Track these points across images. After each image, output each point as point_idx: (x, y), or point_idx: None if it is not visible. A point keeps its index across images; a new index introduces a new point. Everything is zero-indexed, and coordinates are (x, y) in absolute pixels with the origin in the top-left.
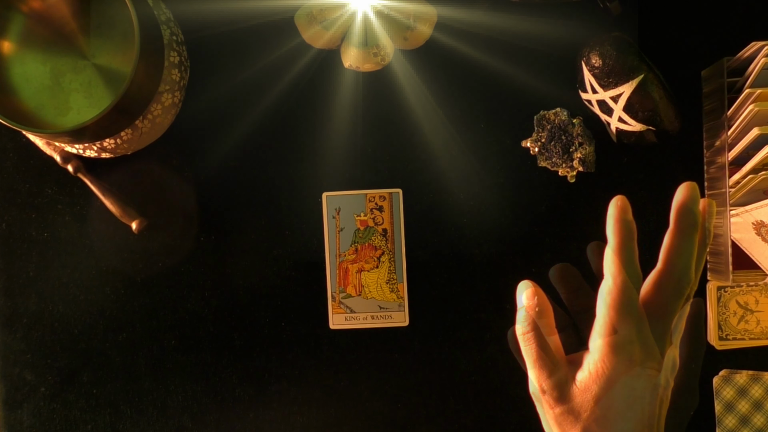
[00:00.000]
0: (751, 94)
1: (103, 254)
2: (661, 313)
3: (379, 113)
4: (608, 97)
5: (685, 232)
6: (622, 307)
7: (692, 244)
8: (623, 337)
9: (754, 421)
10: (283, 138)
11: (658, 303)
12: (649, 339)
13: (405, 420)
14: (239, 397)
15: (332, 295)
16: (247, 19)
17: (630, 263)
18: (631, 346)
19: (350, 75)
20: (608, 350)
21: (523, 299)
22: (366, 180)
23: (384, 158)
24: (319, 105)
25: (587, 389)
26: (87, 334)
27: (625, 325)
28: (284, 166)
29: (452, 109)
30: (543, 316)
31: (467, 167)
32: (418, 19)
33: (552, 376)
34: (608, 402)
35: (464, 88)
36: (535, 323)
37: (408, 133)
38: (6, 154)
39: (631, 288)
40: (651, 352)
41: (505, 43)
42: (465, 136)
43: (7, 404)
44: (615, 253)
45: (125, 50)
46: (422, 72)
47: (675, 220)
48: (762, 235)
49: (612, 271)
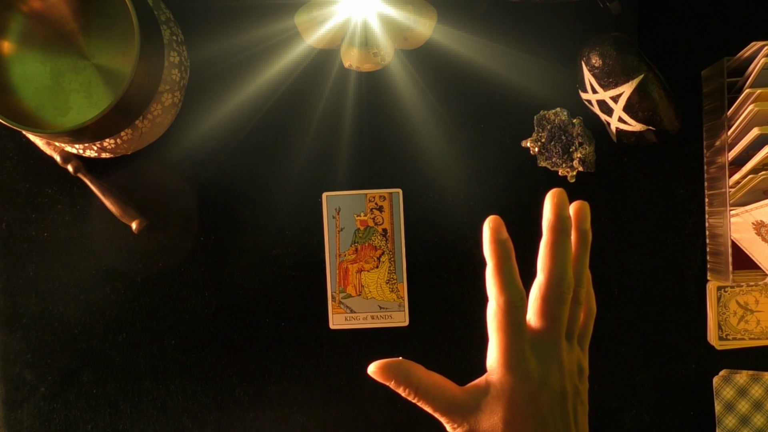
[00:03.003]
0: (751, 94)
1: (103, 254)
2: (550, 322)
3: (379, 113)
4: (608, 97)
5: (556, 239)
6: (508, 327)
7: (565, 250)
8: (516, 356)
9: (754, 421)
10: (283, 138)
11: (544, 313)
12: (543, 351)
13: (405, 420)
14: (239, 397)
15: (332, 295)
16: (248, 19)
17: (510, 282)
18: (525, 363)
19: (350, 75)
20: (504, 371)
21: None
22: (366, 180)
23: (384, 158)
24: (319, 105)
25: (493, 412)
26: (87, 334)
27: (515, 344)
28: (284, 166)
29: (452, 109)
30: None
31: (467, 167)
32: (418, 19)
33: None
34: (516, 421)
35: (464, 88)
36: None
37: (408, 133)
38: (6, 154)
39: (515, 307)
40: (548, 364)
41: (505, 43)
42: (465, 136)
43: (7, 404)
44: (494, 274)
45: (125, 50)
46: (422, 72)
47: (545, 228)
48: (762, 235)
49: (494, 293)
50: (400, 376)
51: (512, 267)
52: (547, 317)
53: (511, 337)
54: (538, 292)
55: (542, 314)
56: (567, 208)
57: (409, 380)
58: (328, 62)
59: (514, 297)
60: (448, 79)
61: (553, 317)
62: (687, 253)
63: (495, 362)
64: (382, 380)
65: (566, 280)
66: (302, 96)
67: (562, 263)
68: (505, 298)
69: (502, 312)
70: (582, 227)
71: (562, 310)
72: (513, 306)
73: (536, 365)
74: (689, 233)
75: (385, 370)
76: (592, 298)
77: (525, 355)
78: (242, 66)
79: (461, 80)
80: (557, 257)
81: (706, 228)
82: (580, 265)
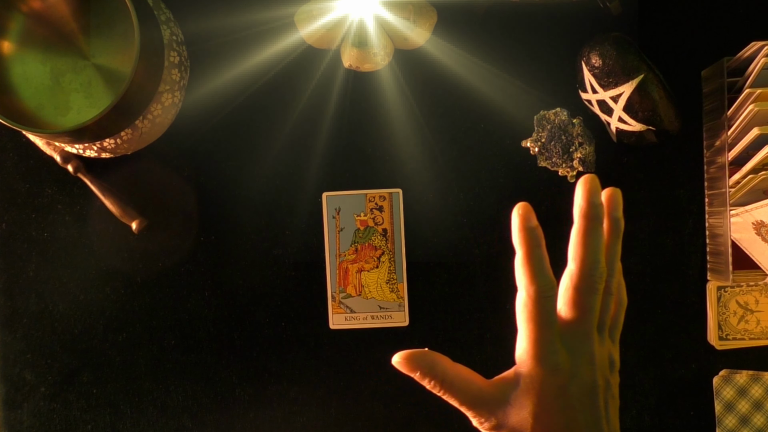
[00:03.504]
0: (751, 94)
1: (103, 254)
2: (581, 312)
3: (379, 113)
4: (608, 97)
5: (588, 226)
6: (539, 317)
7: (598, 238)
8: (546, 347)
9: (754, 421)
10: (283, 138)
11: (575, 303)
12: (574, 343)
13: (405, 420)
14: (239, 397)
15: (332, 295)
16: (247, 19)
17: (540, 271)
18: (555, 355)
19: (350, 75)
20: (534, 363)
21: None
22: (366, 180)
23: (384, 158)
24: (319, 105)
25: (522, 406)
26: (87, 334)
27: (546, 335)
28: (284, 166)
29: (452, 109)
30: None
31: (467, 167)
32: (418, 19)
33: (480, 406)
34: (546, 415)
35: (464, 88)
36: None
37: (408, 133)
38: (6, 154)
39: (545, 297)
40: (579, 356)
41: (505, 43)
42: (465, 135)
43: (7, 404)
44: (524, 263)
45: (125, 50)
46: (422, 72)
47: (576, 215)
48: (762, 235)
49: (524, 283)
50: (425, 367)
51: (542, 255)
52: (578, 308)
53: (541, 327)
54: (570, 282)
55: (573, 304)
56: (599, 194)
57: (435, 372)
58: (328, 62)
59: (544, 286)
60: (448, 79)
61: (584, 308)
62: (687, 253)
63: (524, 354)
64: (406, 371)
65: (598, 269)
66: (302, 96)
67: (594, 251)
68: (536, 287)
69: (532, 302)
70: (614, 215)
71: (594, 301)
72: (543, 296)
73: (566, 357)
74: (689, 233)
75: (411, 361)
76: (623, 289)
77: (555, 347)
78: (242, 66)
79: (461, 80)
80: (589, 245)
81: (706, 228)
82: (613, 255)
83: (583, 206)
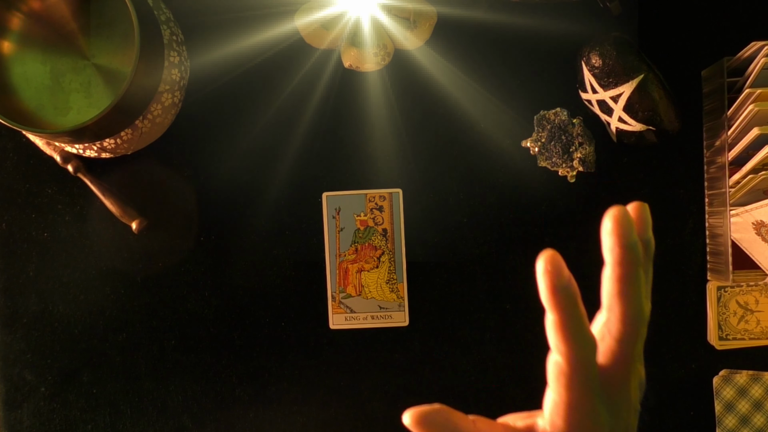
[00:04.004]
0: (751, 94)
1: (103, 254)
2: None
3: (379, 113)
4: (608, 97)
5: (628, 271)
6: (579, 386)
7: (639, 280)
8: (587, 416)
9: (754, 421)
10: (283, 138)
11: (617, 357)
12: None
13: None
14: (239, 397)
15: (332, 295)
16: (248, 19)
17: (579, 333)
18: (595, 415)
19: (350, 75)
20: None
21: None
22: (366, 180)
23: (384, 158)
24: (319, 105)
25: None
26: (87, 334)
27: (587, 404)
28: (284, 166)
29: (452, 109)
30: None
31: (467, 167)
32: (418, 19)
33: None
34: None
35: (464, 89)
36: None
37: (408, 133)
38: (6, 154)
39: (585, 363)
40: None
41: (505, 43)
42: (465, 135)
43: (7, 404)
44: (559, 328)
45: (125, 50)
46: (422, 72)
47: (610, 262)
48: (762, 235)
49: (561, 350)
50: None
51: (581, 315)
52: (621, 362)
53: (583, 396)
54: (609, 334)
55: (615, 358)
56: (634, 231)
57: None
58: (328, 62)
59: (587, 352)
60: (448, 79)
61: (627, 360)
62: (687, 253)
63: (557, 417)
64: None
65: (642, 315)
66: (302, 96)
67: (637, 298)
68: (576, 353)
69: (572, 369)
70: (645, 238)
71: (638, 347)
72: (586, 362)
73: (606, 415)
74: (689, 233)
75: (422, 422)
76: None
77: (596, 411)
78: (242, 66)
79: (461, 80)
80: (632, 293)
81: (706, 228)
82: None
83: (617, 252)
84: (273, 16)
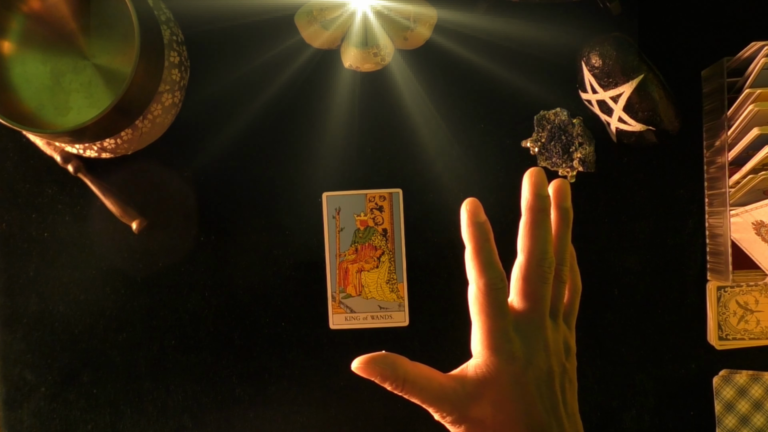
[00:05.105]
0: (751, 94)
1: (103, 254)
2: (532, 302)
3: (379, 113)
4: (608, 97)
5: (534, 218)
6: (490, 309)
7: (545, 229)
8: (500, 337)
9: (754, 421)
10: (283, 138)
11: (526, 293)
12: (527, 332)
13: (405, 420)
14: (239, 397)
15: (332, 295)
16: (248, 19)
17: (489, 264)
18: (509, 344)
19: (350, 75)
20: (489, 353)
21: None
22: (366, 180)
23: (384, 158)
24: (319, 105)
25: (481, 396)
26: (87, 334)
27: (498, 325)
28: (284, 166)
29: (452, 109)
30: None
31: (467, 167)
32: (418, 19)
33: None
34: (504, 403)
35: (464, 89)
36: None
37: (408, 133)
38: (6, 154)
39: (495, 288)
40: (533, 344)
41: (505, 43)
42: (465, 136)
43: (7, 404)
44: (473, 257)
45: (125, 50)
46: (422, 72)
47: (523, 208)
48: (762, 235)
49: (474, 276)
50: (385, 369)
51: (491, 249)
52: (529, 297)
53: (494, 318)
54: (519, 273)
55: (524, 294)
56: (545, 187)
57: (396, 373)
58: (328, 62)
59: (494, 278)
60: (448, 79)
61: (535, 297)
62: (687, 253)
63: (479, 345)
64: (367, 375)
65: (547, 259)
66: (302, 96)
67: (542, 242)
68: (485, 280)
69: (483, 294)
70: (563, 205)
71: (545, 290)
72: (494, 288)
73: (521, 346)
74: (689, 233)
75: (370, 365)
76: (577, 276)
77: (509, 336)
78: (242, 65)
79: (461, 80)
80: (536, 237)
81: (706, 228)
82: (562, 244)
83: (529, 199)
84: (273, 16)
